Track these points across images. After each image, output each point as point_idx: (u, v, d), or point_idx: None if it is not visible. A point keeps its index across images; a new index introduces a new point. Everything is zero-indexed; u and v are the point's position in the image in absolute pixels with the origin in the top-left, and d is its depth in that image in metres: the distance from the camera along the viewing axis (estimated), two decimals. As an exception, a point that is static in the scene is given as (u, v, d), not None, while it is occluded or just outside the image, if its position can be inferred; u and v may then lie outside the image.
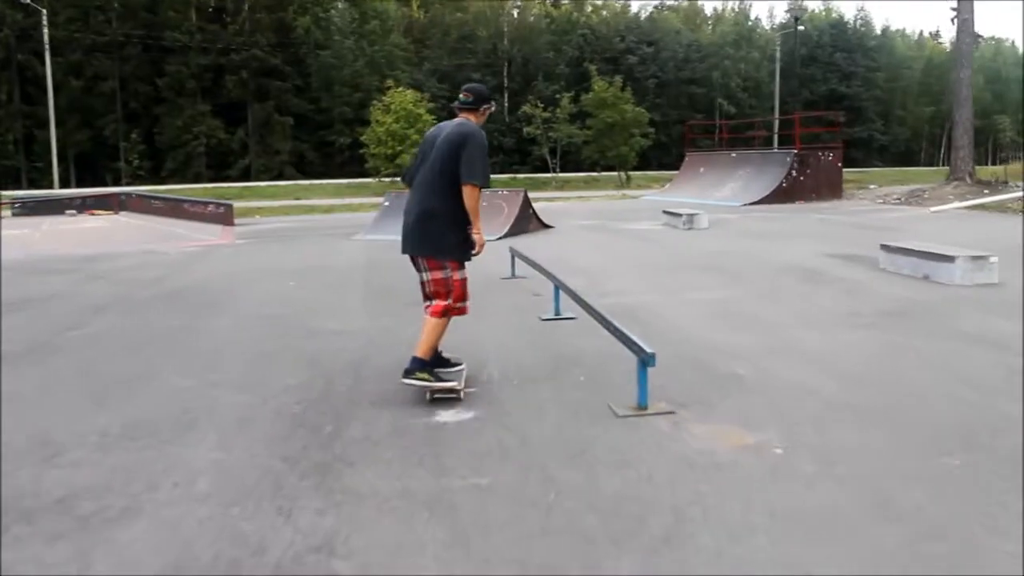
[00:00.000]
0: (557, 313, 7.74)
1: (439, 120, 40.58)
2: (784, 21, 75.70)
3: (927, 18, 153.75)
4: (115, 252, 15.04)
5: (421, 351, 5.19)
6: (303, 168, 55.13)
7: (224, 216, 21.22)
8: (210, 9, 57.14)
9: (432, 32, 62.93)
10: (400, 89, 38.28)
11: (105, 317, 8.60)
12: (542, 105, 41.85)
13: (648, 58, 63.33)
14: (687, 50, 65.75)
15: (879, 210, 21.32)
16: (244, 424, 4.78)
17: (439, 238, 5.41)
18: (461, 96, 5.50)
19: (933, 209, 20.22)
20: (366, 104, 42.10)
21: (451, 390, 5.17)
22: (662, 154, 57.95)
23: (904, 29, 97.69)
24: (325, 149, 56.63)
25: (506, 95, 62.15)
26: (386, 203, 17.89)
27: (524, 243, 13.57)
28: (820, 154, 25.16)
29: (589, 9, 71.51)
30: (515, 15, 67.23)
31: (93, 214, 22.99)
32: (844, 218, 18.94)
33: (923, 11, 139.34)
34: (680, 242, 14.41)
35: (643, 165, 47.81)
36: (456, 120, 5.50)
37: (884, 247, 10.57)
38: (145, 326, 8.03)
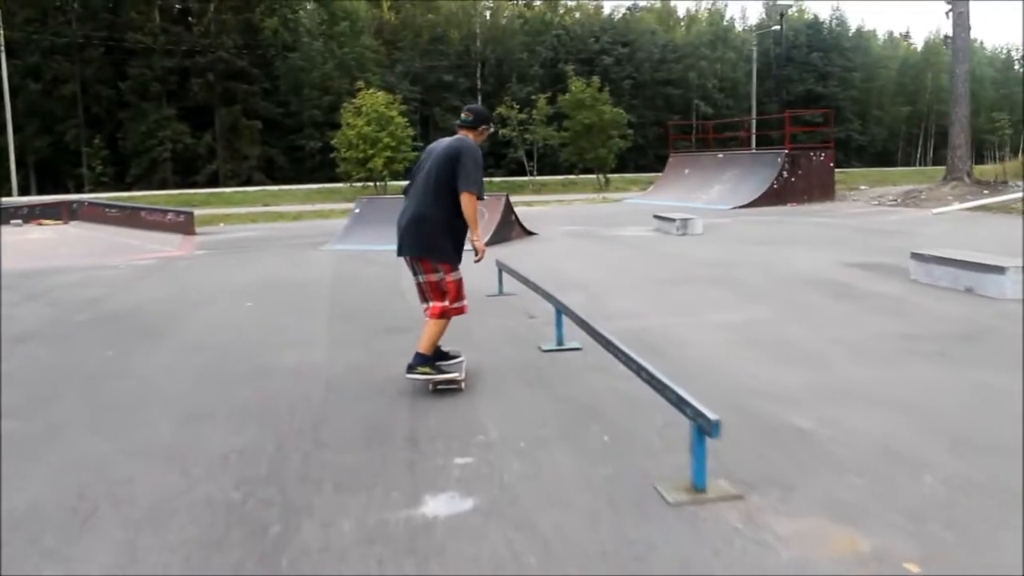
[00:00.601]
0: (560, 343, 6.51)
1: (411, 123, 39.95)
2: (760, 21, 75.19)
3: (898, 18, 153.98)
4: (59, 267, 13.66)
5: (423, 347, 5.45)
6: (272, 173, 53.48)
7: (184, 225, 19.84)
8: (174, 10, 55.40)
9: (403, 34, 61.46)
10: (371, 91, 36.92)
11: (26, 348, 7.29)
12: (517, 106, 40.62)
13: (623, 59, 62.22)
14: (663, 51, 64.68)
15: (877, 212, 20.29)
16: (159, 519, 3.51)
17: (432, 241, 5.58)
18: (462, 115, 5.82)
19: (935, 211, 19.20)
20: (336, 107, 40.59)
21: (452, 381, 5.49)
22: (638, 156, 56.97)
23: (875, 30, 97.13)
24: (295, 154, 55.01)
25: (479, 97, 60.76)
26: (357, 210, 16.57)
27: (508, 252, 12.40)
28: (812, 154, 24.13)
29: (563, 11, 70.35)
30: (488, 16, 65.92)
31: (40, 224, 21.46)
32: (843, 221, 17.88)
33: (893, 11, 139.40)
34: (677, 250, 13.25)
35: (620, 167, 46.64)
36: (456, 136, 5.76)
37: (916, 256, 9.43)
38: (67, 362, 6.72)
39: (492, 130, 6.13)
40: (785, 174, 22.95)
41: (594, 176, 42.43)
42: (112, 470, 4.13)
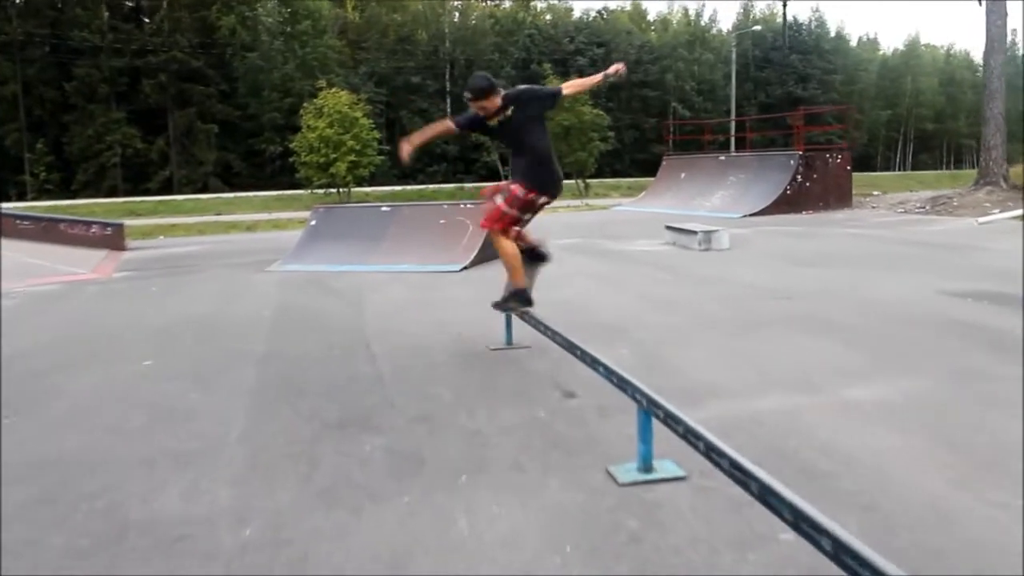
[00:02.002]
0: (647, 466, 3.73)
1: (377, 126, 37.07)
2: (737, 21, 73.13)
3: (867, 23, 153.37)
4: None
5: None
6: (230, 180, 50.39)
7: (112, 239, 16.94)
8: (124, 7, 52.13)
9: (369, 34, 58.52)
10: (334, 90, 34.09)
11: None
12: (491, 107, 37.95)
13: (599, 60, 59.68)
14: (639, 51, 62.27)
15: (910, 221, 17.80)
16: None
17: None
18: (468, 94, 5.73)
19: (980, 220, 16.72)
20: (297, 110, 37.49)
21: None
22: (614, 160, 54.56)
23: (848, 35, 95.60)
24: (254, 159, 51.98)
25: (448, 99, 58.10)
26: (312, 222, 13.76)
27: (500, 275, 9.83)
28: (828, 156, 21.61)
29: (534, 11, 67.75)
30: (457, 16, 63.06)
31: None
32: (884, 232, 15.36)
33: (864, 15, 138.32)
34: (710, 271, 10.63)
35: (597, 172, 43.95)
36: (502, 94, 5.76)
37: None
38: None
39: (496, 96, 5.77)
40: (799, 178, 20.42)
41: (572, 182, 39.87)
42: None
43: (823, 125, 41.62)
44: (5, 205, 24.81)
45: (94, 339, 7.71)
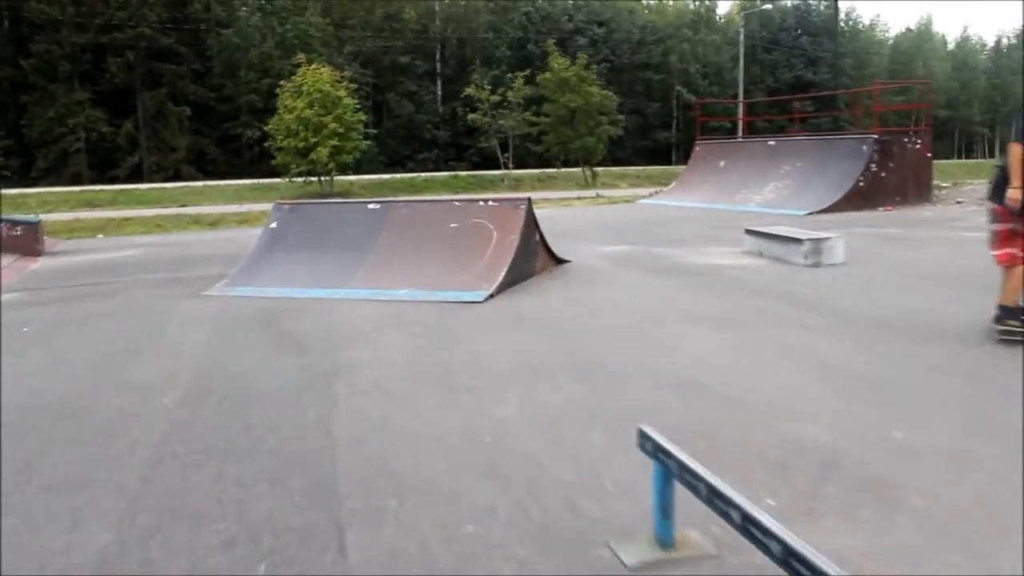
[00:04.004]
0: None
1: (363, 108, 33.33)
2: (744, 1, 69.51)
3: (871, 8, 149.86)
4: None
5: (1004, 299, 5.52)
6: (204, 167, 46.83)
7: (23, 241, 13.30)
8: (87, -22, 48.22)
9: (353, 10, 54.67)
10: (314, 67, 30.36)
11: None
12: (490, 87, 34.25)
13: (600, 40, 56.11)
14: (642, 32, 58.63)
15: None
16: None
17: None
18: None
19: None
20: (276, 91, 33.92)
21: None
22: (615, 148, 50.87)
23: (859, 16, 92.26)
24: (230, 144, 48.35)
25: (439, 82, 54.48)
26: (273, 224, 10.04)
27: (537, 306, 6.44)
28: (906, 140, 18.09)
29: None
30: (448, -7, 59.24)
31: None
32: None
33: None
34: (845, 302, 7.21)
35: (600, 160, 40.44)
36: None
37: None
38: None
39: None
40: (874, 167, 16.87)
41: (578, 170, 36.35)
42: None
43: (904, 104, 37.35)
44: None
45: None
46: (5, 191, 32.79)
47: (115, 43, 45.39)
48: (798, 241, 9.58)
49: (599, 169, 37.30)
